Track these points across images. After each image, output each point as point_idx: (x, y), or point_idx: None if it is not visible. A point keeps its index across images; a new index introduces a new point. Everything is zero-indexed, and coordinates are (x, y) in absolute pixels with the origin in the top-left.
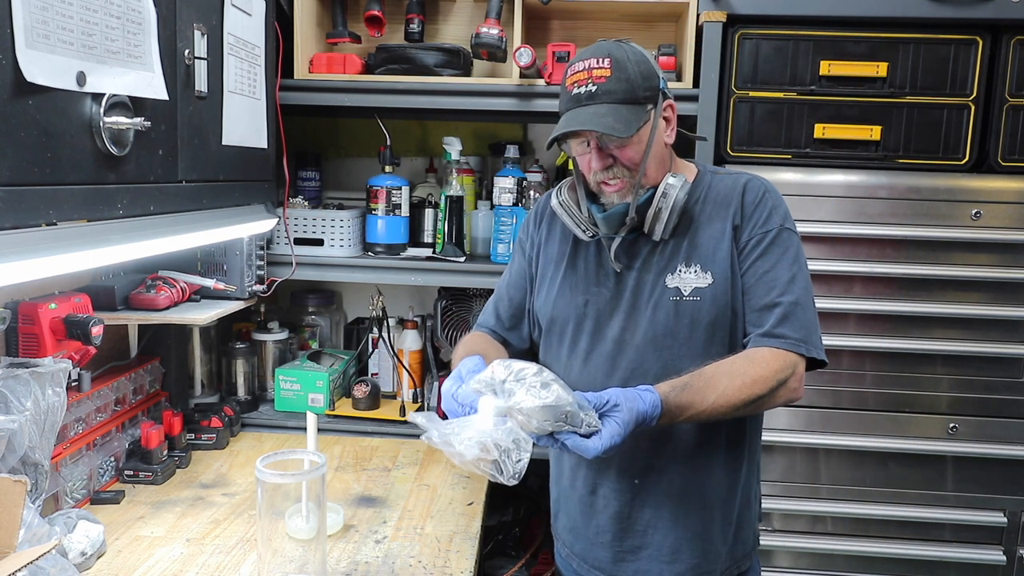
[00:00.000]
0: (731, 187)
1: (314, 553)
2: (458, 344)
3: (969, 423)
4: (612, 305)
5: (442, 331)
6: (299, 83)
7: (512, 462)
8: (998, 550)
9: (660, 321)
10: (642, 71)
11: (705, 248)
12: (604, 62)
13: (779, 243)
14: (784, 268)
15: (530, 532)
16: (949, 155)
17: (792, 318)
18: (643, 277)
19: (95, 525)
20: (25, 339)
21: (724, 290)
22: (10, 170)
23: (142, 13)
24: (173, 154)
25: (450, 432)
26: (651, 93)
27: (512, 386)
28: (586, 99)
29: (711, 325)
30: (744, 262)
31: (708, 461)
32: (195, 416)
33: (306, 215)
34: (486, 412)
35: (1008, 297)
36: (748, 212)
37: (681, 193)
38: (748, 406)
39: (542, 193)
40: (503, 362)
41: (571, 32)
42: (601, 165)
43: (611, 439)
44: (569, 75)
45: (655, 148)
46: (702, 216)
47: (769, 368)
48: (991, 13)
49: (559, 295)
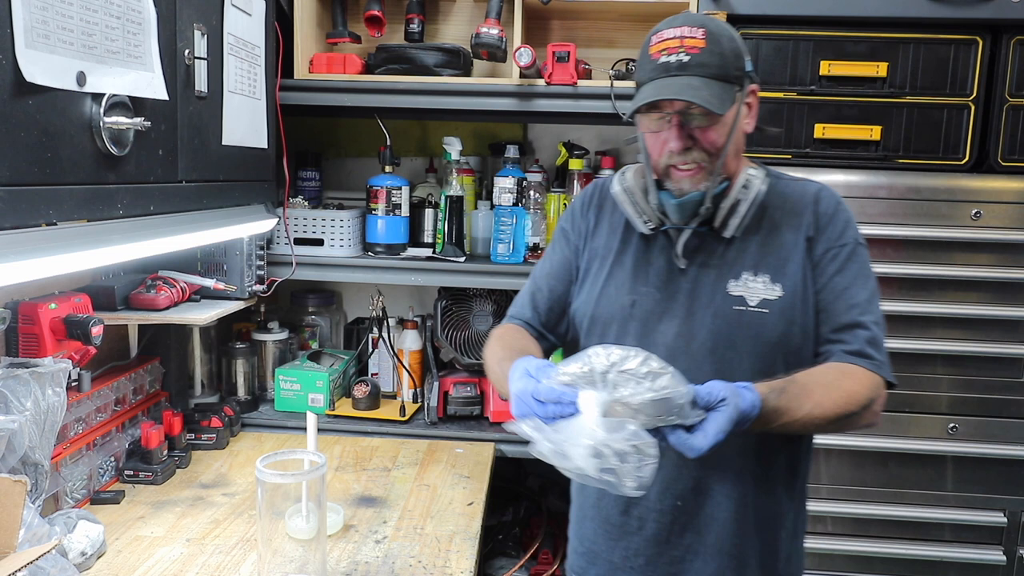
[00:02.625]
0: (801, 195)
1: (314, 553)
2: (490, 338)
3: (969, 423)
4: (663, 308)
5: (442, 331)
6: (299, 83)
7: (633, 470)
8: (998, 550)
9: (720, 331)
10: (734, 48)
11: (775, 257)
12: (698, 32)
13: (856, 259)
14: (863, 286)
15: (530, 532)
16: (949, 155)
17: (877, 342)
18: (701, 280)
19: (95, 525)
20: (25, 339)
21: (793, 304)
22: (10, 170)
23: (142, 13)
24: (173, 154)
25: (564, 440)
26: (740, 73)
27: (616, 377)
28: (676, 69)
29: (777, 342)
30: (820, 276)
31: (763, 484)
32: (195, 416)
33: (306, 215)
34: (590, 409)
35: (1008, 297)
36: (823, 224)
37: (763, 187)
38: (839, 422)
39: (542, 193)
40: (601, 348)
41: (571, 32)
42: (679, 146)
43: (716, 436)
44: (655, 42)
45: (736, 134)
46: (772, 221)
47: (863, 385)
48: (991, 13)
49: (603, 294)
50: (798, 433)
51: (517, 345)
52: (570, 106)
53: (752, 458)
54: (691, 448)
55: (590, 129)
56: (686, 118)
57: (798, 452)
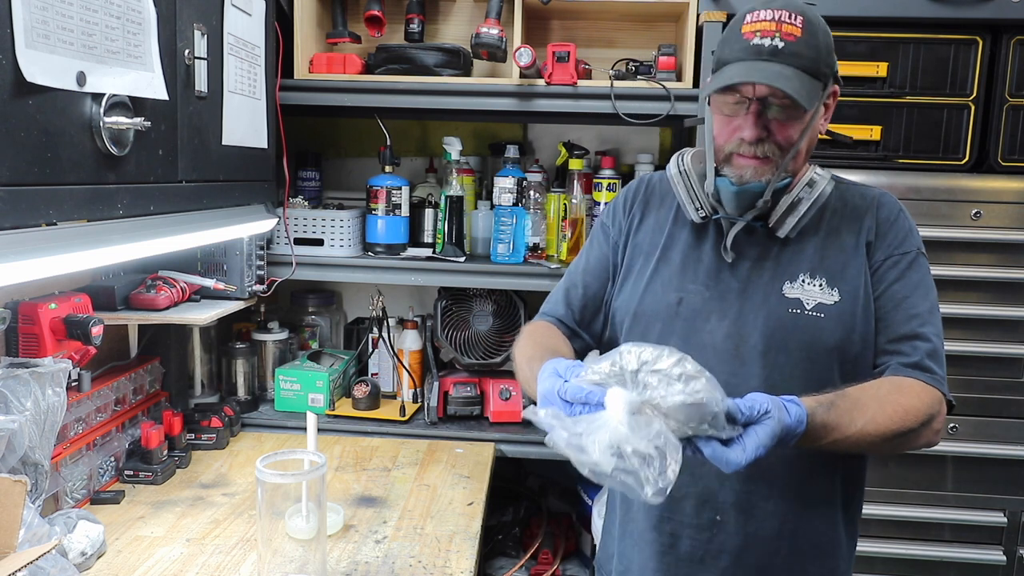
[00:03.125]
0: (861, 199)
1: (314, 553)
2: (521, 335)
3: (969, 423)
4: (712, 307)
5: (442, 331)
6: (299, 83)
7: (654, 474)
8: (998, 550)
9: (773, 334)
10: (828, 43)
11: (833, 261)
12: (797, 19)
13: (916, 268)
14: (923, 297)
15: (530, 532)
16: (949, 155)
17: (938, 355)
18: (753, 279)
19: (95, 525)
20: (25, 339)
21: (851, 311)
22: (10, 170)
23: (142, 13)
24: (173, 154)
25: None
26: (828, 71)
27: (648, 378)
28: (769, 54)
29: (834, 348)
30: (879, 284)
31: (814, 504)
32: (195, 416)
33: (306, 215)
34: (617, 407)
35: (1008, 297)
36: (884, 229)
37: (828, 188)
38: (895, 440)
39: (542, 193)
40: (633, 346)
41: (571, 32)
42: (754, 135)
43: (756, 451)
44: (748, 21)
45: (810, 133)
46: (831, 225)
47: (921, 400)
48: (991, 13)
49: (647, 291)
50: (851, 451)
51: (548, 344)
52: (570, 106)
53: (802, 472)
54: (727, 463)
55: (590, 129)
56: (765, 107)
57: (854, 467)
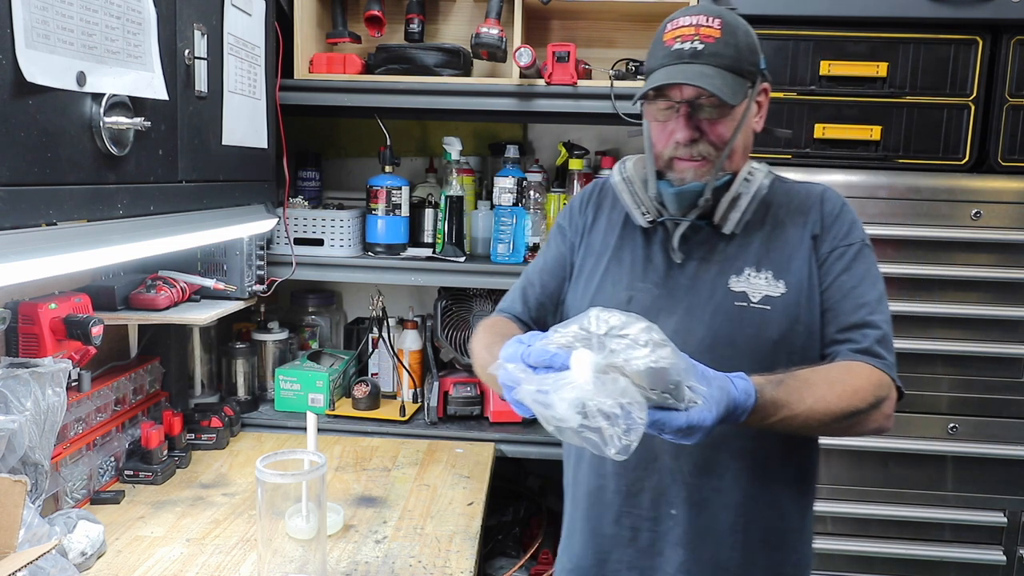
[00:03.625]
0: (806, 195)
1: (314, 553)
2: (477, 330)
3: (969, 423)
4: (661, 304)
5: (442, 331)
6: (299, 83)
7: (620, 431)
8: (998, 550)
9: (720, 327)
10: (749, 42)
11: (779, 254)
12: (714, 22)
13: (862, 259)
14: (871, 286)
15: (530, 532)
16: (949, 155)
17: (887, 342)
18: (701, 275)
19: (95, 525)
20: (25, 339)
21: (797, 302)
22: (10, 170)
23: (142, 13)
24: (173, 154)
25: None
26: (754, 69)
27: (614, 343)
28: (689, 56)
29: (779, 340)
30: (827, 275)
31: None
32: (195, 416)
33: (306, 215)
34: (582, 368)
35: (1008, 297)
36: (828, 223)
37: (766, 181)
38: (845, 420)
39: (542, 193)
40: (600, 311)
41: (571, 32)
42: (686, 136)
43: (700, 415)
44: (669, 29)
45: (744, 130)
46: (776, 219)
47: (870, 382)
48: (991, 13)
49: (598, 290)
50: (801, 432)
51: (506, 332)
52: (570, 106)
53: (750, 464)
54: (669, 422)
55: (590, 129)
56: (695, 109)
57: (806, 460)
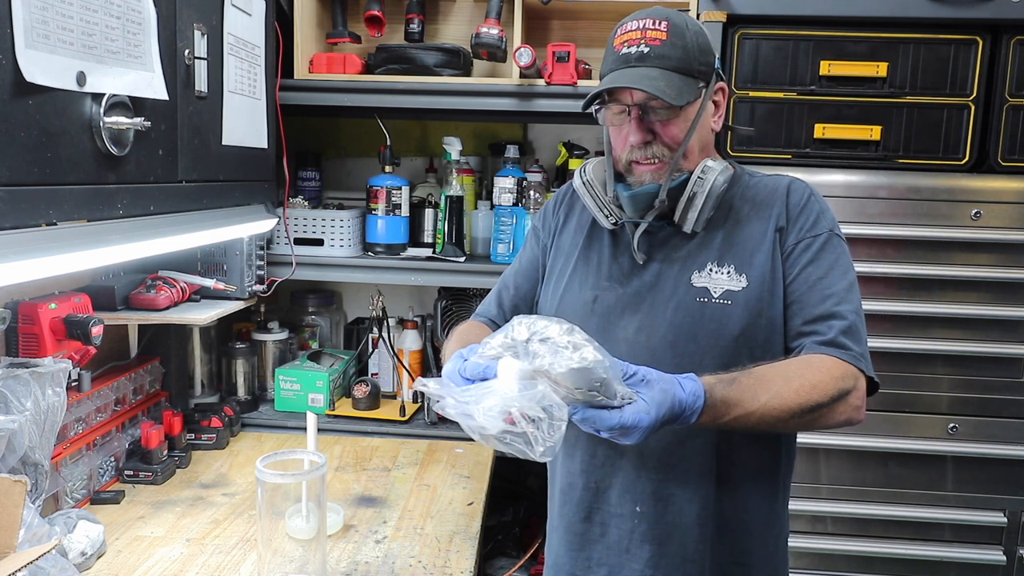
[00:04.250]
0: (772, 188)
1: (314, 553)
2: (451, 334)
3: (969, 423)
4: (625, 302)
5: (442, 331)
6: (299, 83)
7: (544, 434)
8: (998, 550)
9: (681, 323)
10: (700, 43)
11: (741, 248)
12: (661, 24)
13: (830, 249)
14: (838, 276)
15: (530, 532)
16: (949, 155)
17: (854, 332)
18: (664, 273)
19: (95, 525)
20: (25, 339)
21: (759, 296)
22: (10, 170)
23: (142, 13)
24: (173, 154)
25: (470, 399)
26: (706, 68)
27: (537, 347)
28: (636, 60)
29: (740, 334)
30: (792, 268)
31: (729, 488)
32: (195, 416)
33: (306, 215)
34: (508, 376)
35: (1008, 297)
36: (794, 214)
37: (720, 178)
38: (805, 415)
39: (542, 193)
40: (524, 318)
41: (571, 32)
42: (639, 139)
43: (634, 416)
44: (619, 35)
45: (700, 130)
46: (739, 214)
47: (830, 375)
48: (991, 13)
49: (566, 290)
50: (760, 428)
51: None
52: (570, 106)
53: (714, 458)
54: (599, 419)
55: (590, 129)
56: (646, 111)
57: (772, 452)
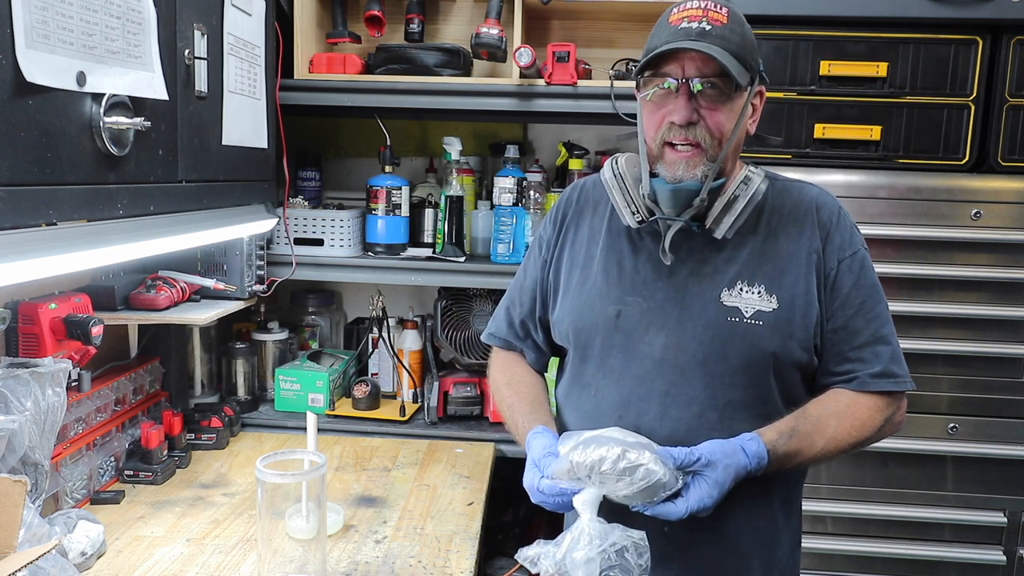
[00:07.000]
0: (799, 201)
1: (314, 553)
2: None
3: (969, 423)
4: (650, 318)
5: (442, 331)
6: (299, 83)
7: (634, 564)
8: (998, 550)
9: (712, 343)
10: (753, 40)
11: (771, 267)
12: (722, 9)
13: (866, 268)
14: (878, 297)
15: (530, 532)
16: (949, 155)
17: (899, 356)
18: (690, 286)
19: (95, 525)
20: (25, 339)
21: (789, 318)
22: (10, 170)
23: (142, 13)
24: (173, 154)
25: (565, 558)
26: (755, 64)
27: (598, 478)
28: (696, 35)
29: (772, 355)
30: (837, 291)
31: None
32: (195, 416)
33: (306, 215)
34: (585, 511)
35: (1008, 297)
36: (831, 233)
37: (763, 187)
38: (856, 448)
39: (542, 193)
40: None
41: (571, 32)
42: (684, 116)
43: (699, 502)
44: (676, 12)
45: (740, 130)
46: (768, 226)
47: (878, 410)
48: (991, 13)
49: (586, 304)
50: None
51: (524, 391)
52: (570, 106)
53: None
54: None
55: (590, 129)
56: (695, 89)
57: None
